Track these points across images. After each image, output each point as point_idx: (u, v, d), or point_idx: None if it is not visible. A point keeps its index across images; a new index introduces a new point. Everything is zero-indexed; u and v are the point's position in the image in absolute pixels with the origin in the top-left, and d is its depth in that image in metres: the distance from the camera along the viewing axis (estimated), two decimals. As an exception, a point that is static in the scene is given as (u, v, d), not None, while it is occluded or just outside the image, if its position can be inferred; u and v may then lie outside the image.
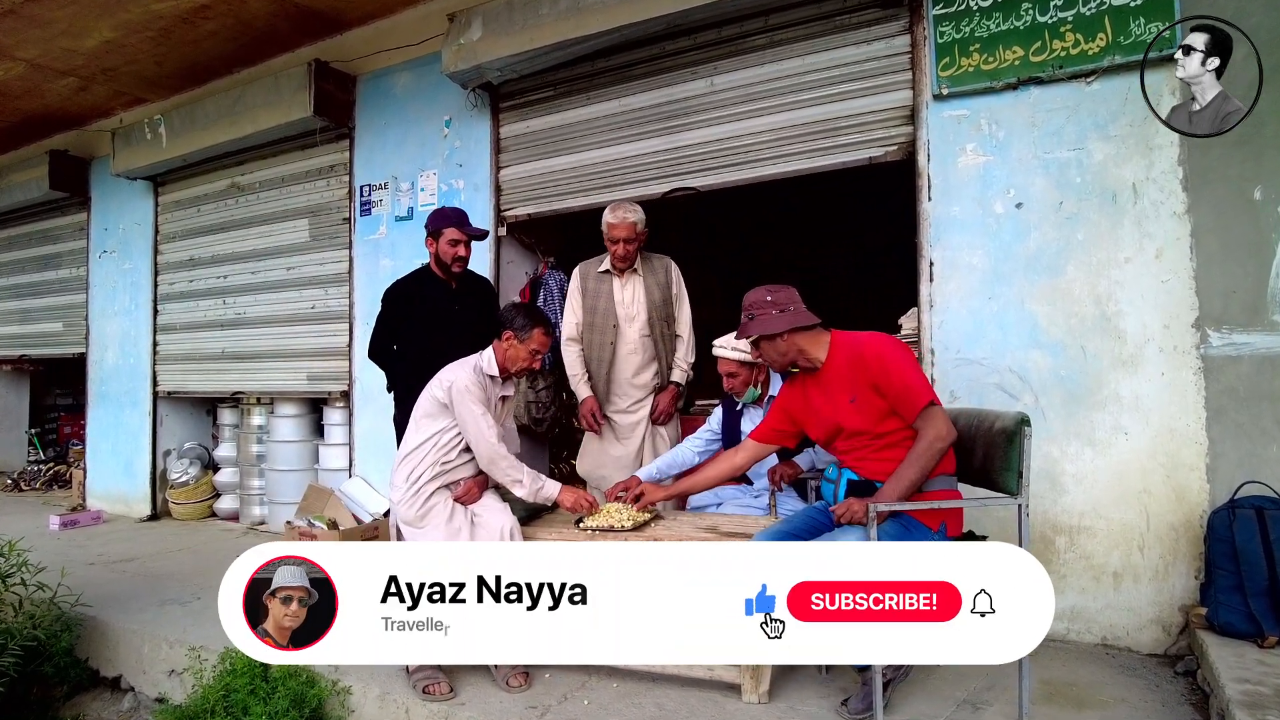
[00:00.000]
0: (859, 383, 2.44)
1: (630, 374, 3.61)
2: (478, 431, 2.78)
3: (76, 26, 4.86)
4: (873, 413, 2.42)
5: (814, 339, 2.54)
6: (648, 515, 2.93)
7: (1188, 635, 2.81)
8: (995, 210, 3.21)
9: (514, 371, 2.93)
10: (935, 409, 2.34)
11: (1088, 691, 2.61)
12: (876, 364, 2.40)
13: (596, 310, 3.60)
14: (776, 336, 2.52)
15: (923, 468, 2.29)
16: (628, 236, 3.46)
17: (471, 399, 2.78)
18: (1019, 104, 3.17)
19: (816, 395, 2.57)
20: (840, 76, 3.53)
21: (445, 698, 2.64)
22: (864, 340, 2.50)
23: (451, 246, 3.41)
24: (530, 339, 2.86)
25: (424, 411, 2.87)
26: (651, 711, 2.53)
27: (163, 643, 3.35)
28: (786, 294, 2.56)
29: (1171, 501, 2.90)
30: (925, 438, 2.31)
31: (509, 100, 4.48)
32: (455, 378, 2.83)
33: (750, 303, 2.58)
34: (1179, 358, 2.90)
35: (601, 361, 3.60)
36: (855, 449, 2.50)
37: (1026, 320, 3.15)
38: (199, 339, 6.08)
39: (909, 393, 2.36)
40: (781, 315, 2.52)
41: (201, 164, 5.85)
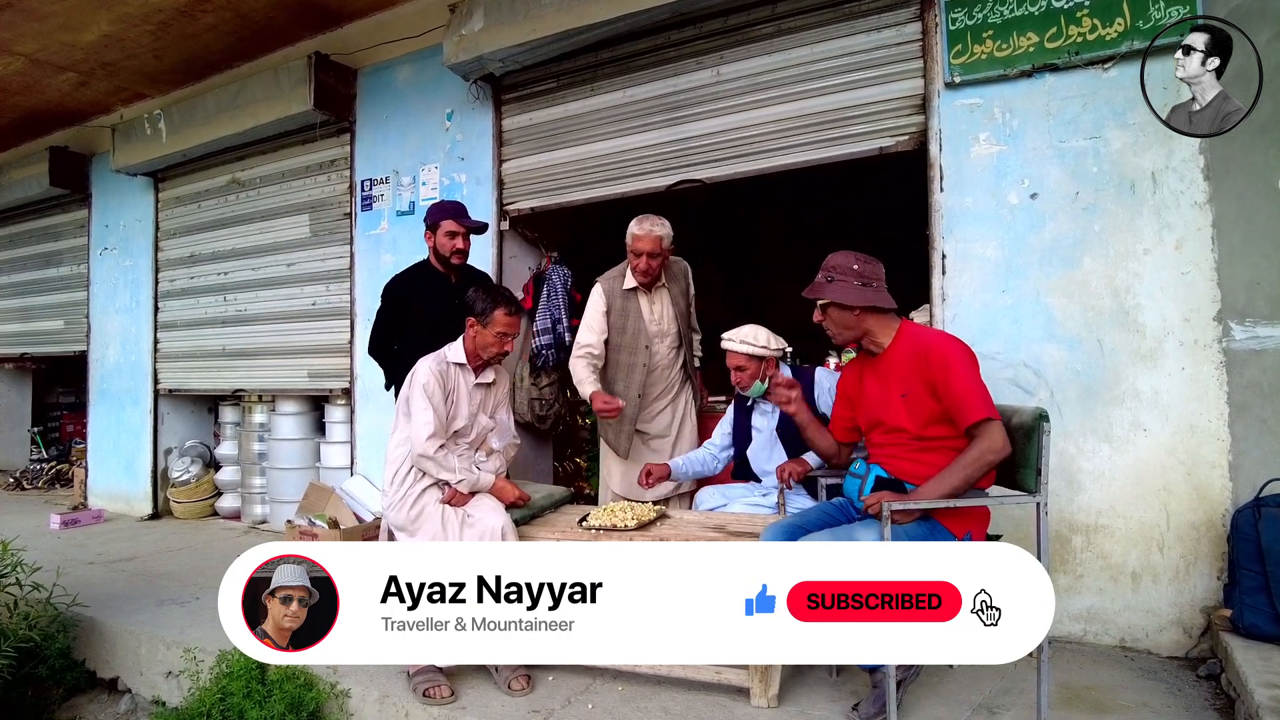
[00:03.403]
0: (915, 379, 2.33)
1: (660, 389, 3.55)
2: (415, 426, 2.73)
3: (75, 20, 4.81)
4: (922, 413, 2.32)
5: (884, 323, 2.43)
6: (653, 514, 2.87)
7: (1209, 637, 2.73)
8: (1009, 201, 3.13)
9: (486, 358, 2.88)
10: (994, 424, 2.21)
11: (1107, 695, 2.53)
12: (939, 365, 2.28)
13: (626, 330, 3.46)
14: (851, 309, 2.39)
15: (968, 477, 2.19)
16: (652, 250, 3.32)
17: (420, 392, 2.74)
18: (1033, 92, 3.09)
19: (871, 381, 2.48)
20: (849, 65, 3.45)
21: (446, 701, 2.57)
22: (931, 338, 2.38)
23: (450, 239, 3.33)
24: (493, 322, 2.79)
25: (402, 411, 2.84)
26: (658, 716, 2.46)
27: (160, 644, 3.29)
28: (874, 268, 2.42)
29: (1192, 500, 2.82)
30: (978, 447, 2.19)
31: (511, 92, 4.41)
32: (417, 370, 2.80)
33: (834, 265, 2.43)
34: (1200, 352, 2.82)
35: (631, 382, 3.47)
36: (890, 444, 2.41)
37: (1041, 314, 3.07)
38: (200, 336, 6.02)
39: (967, 401, 2.22)
40: (863, 289, 2.38)
41: (202, 159, 5.79)
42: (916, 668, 2.44)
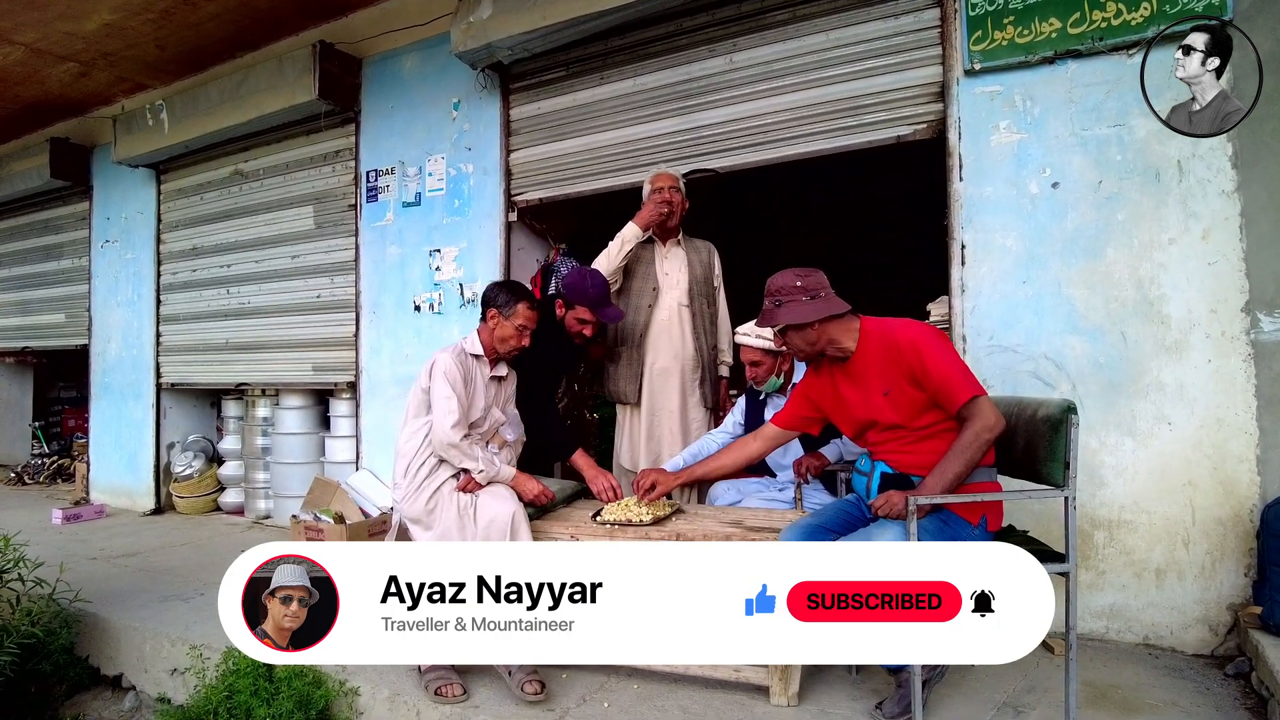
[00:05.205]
0: (893, 375, 2.29)
1: (664, 345, 3.51)
2: (438, 414, 2.71)
3: (75, 8, 4.74)
4: (909, 406, 2.28)
5: (844, 327, 2.39)
6: (668, 509, 2.81)
7: (1237, 635, 2.68)
8: (1030, 190, 3.07)
9: (503, 351, 2.87)
10: (982, 400, 2.18)
11: (1134, 694, 2.48)
12: (913, 355, 2.24)
13: (635, 275, 3.54)
14: (806, 326, 2.36)
15: (968, 460, 2.15)
16: (672, 185, 3.46)
17: (443, 380, 2.73)
18: (1055, 79, 3.03)
19: (846, 386, 2.43)
20: (866, 52, 3.39)
21: (458, 699, 2.52)
22: (897, 329, 2.33)
23: (579, 324, 3.23)
24: (515, 314, 2.81)
25: (417, 401, 2.81)
26: (676, 715, 2.40)
27: (164, 640, 3.24)
28: (816, 278, 2.38)
29: (1219, 495, 2.76)
30: (972, 429, 2.16)
31: (520, 81, 4.34)
32: (436, 359, 2.79)
33: (777, 288, 2.40)
34: (1227, 343, 2.76)
35: (635, 326, 3.51)
36: (889, 441, 2.36)
37: (1063, 305, 3.01)
38: (202, 329, 5.96)
39: (950, 384, 2.20)
40: (812, 302, 2.35)
41: (204, 150, 5.72)
42: (942, 667, 2.39)
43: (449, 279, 4.59)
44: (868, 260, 6.38)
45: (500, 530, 2.60)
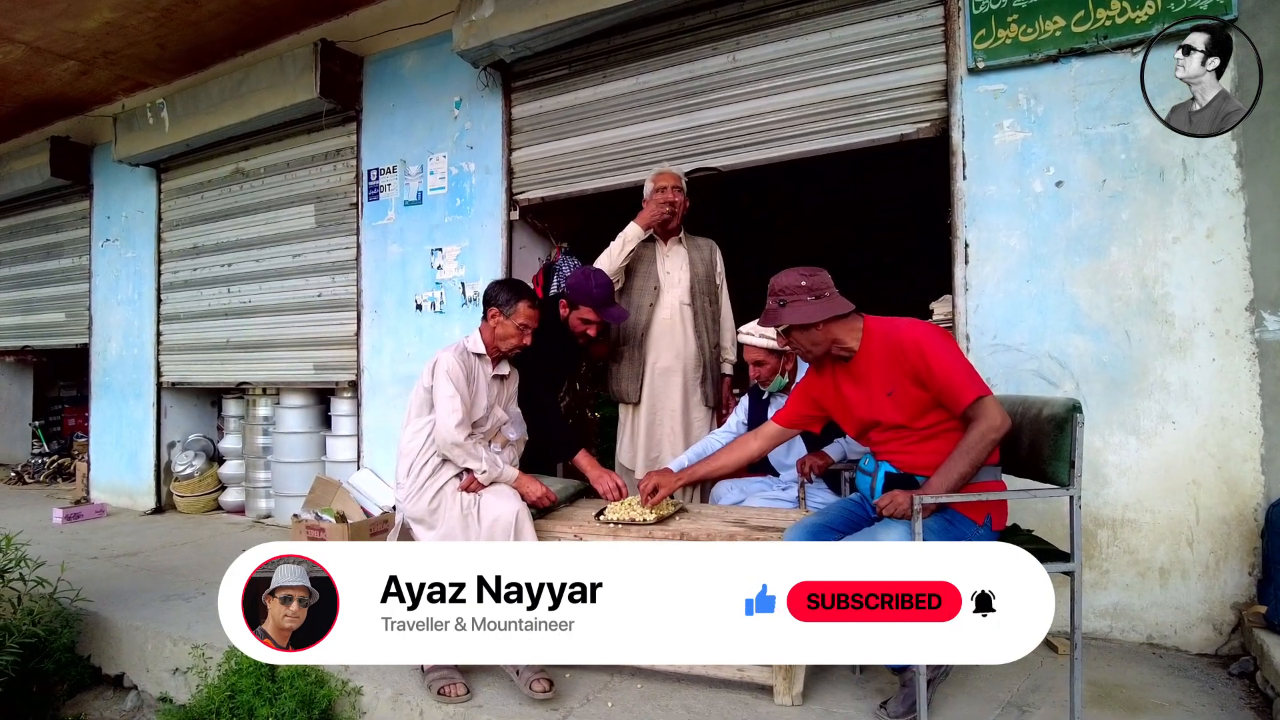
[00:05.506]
0: (897, 375, 2.28)
1: (665, 344, 3.51)
2: (442, 413, 2.71)
3: (76, 7, 4.73)
4: (913, 406, 2.27)
5: (848, 327, 2.38)
6: (672, 508, 2.80)
7: (1241, 634, 2.68)
8: (1034, 189, 3.06)
9: (505, 350, 2.88)
10: (988, 400, 2.17)
11: (1138, 693, 2.47)
12: (916, 355, 2.23)
13: (636, 274, 3.54)
14: (812, 326, 2.34)
15: (973, 460, 2.14)
16: (675, 184, 3.46)
17: (446, 379, 2.73)
18: (1059, 77, 3.02)
19: (848, 386, 2.42)
20: (869, 51, 3.38)
21: (462, 699, 2.51)
22: (901, 328, 2.32)
23: (583, 324, 3.23)
24: (516, 313, 2.82)
25: (420, 401, 2.80)
26: (680, 714, 2.40)
27: (166, 640, 3.24)
28: (821, 278, 2.37)
29: (1223, 494, 2.76)
30: (977, 428, 2.15)
31: (522, 79, 4.34)
32: (438, 358, 2.78)
33: (781, 287, 2.38)
34: (1231, 342, 2.75)
35: (637, 325, 3.52)
36: (892, 441, 2.35)
37: (1067, 304, 3.00)
38: (203, 328, 5.95)
39: (954, 384, 2.18)
40: (817, 302, 2.33)
41: (205, 149, 5.71)
42: (946, 667, 2.38)
43: (450, 278, 4.59)
44: (866, 260, 6.38)
45: (504, 530, 2.59)
